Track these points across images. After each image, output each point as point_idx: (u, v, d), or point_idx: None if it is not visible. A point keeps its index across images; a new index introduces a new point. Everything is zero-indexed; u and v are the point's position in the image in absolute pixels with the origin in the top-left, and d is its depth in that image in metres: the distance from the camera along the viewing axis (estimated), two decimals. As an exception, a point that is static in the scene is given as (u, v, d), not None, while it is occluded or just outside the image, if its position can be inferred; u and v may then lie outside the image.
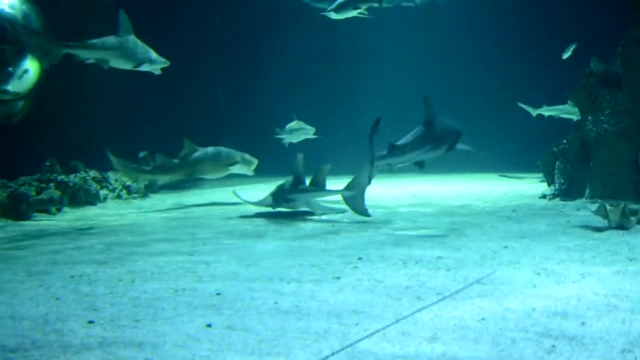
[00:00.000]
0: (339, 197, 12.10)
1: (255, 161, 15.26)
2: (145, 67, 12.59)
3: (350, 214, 11.86)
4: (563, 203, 12.91)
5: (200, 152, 14.57)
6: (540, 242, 9.06)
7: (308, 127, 16.37)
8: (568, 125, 14.76)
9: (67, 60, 15.51)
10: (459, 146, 10.78)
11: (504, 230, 10.12)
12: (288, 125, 16.16)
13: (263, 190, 14.29)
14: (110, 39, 12.36)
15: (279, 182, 12.99)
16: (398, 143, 10.15)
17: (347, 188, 11.71)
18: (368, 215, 11.58)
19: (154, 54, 12.66)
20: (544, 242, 9.05)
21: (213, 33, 19.49)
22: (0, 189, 12.45)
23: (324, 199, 12.96)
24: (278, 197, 12.46)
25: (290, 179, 12.44)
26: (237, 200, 14.10)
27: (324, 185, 12.38)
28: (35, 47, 14.53)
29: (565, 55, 16.09)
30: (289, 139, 15.90)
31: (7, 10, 14.25)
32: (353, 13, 14.23)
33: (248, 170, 15.16)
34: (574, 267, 7.44)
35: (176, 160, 14.45)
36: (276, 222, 11.66)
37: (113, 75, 17.67)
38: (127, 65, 12.52)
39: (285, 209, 12.54)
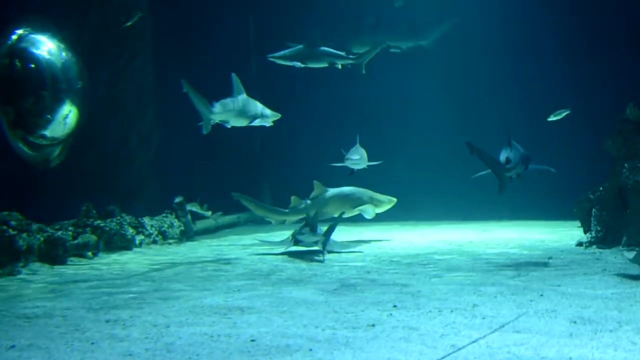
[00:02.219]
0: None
1: (389, 201, 15.65)
2: (258, 122, 13.56)
3: (377, 253, 11.91)
4: (600, 251, 12.79)
5: (329, 192, 15.17)
6: (577, 290, 8.98)
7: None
8: (603, 172, 14.70)
9: (101, 109, 15.77)
10: (532, 166, 12.50)
11: (540, 277, 10.05)
12: (353, 150, 15.35)
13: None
14: (228, 102, 13.41)
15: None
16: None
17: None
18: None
19: (266, 110, 13.69)
20: (581, 290, 8.98)
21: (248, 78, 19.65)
22: (38, 233, 12.52)
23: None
24: (299, 238, 13.24)
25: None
26: (269, 245, 14.38)
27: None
28: (74, 94, 14.71)
29: (553, 118, 16.03)
30: (358, 164, 15.09)
31: (47, 56, 14.44)
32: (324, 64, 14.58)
33: (378, 210, 15.57)
34: (611, 316, 7.37)
35: (307, 201, 14.98)
36: (310, 267, 11.65)
37: (149, 124, 18.00)
38: (244, 123, 13.60)
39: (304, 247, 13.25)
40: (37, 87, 14.06)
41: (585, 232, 13.78)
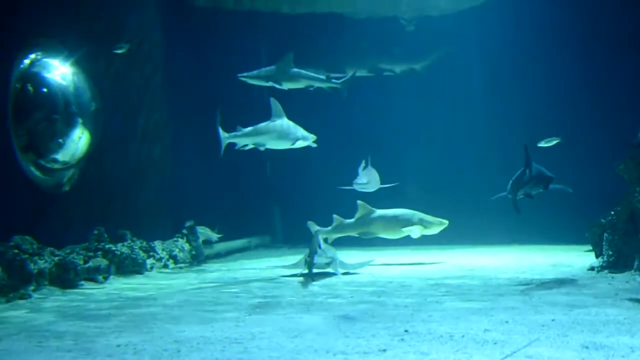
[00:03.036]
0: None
1: (439, 223, 15.84)
2: (298, 145, 14.08)
3: (388, 277, 11.95)
4: (612, 275, 12.73)
5: (376, 213, 15.52)
6: (589, 314, 8.95)
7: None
8: (615, 196, 14.68)
9: (114, 133, 15.82)
10: (553, 186, 13.01)
11: (552, 302, 10.01)
12: (363, 172, 15.52)
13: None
14: (266, 125, 13.95)
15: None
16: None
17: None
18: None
19: (304, 132, 14.14)
20: (592, 314, 8.94)
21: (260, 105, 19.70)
22: (49, 257, 12.54)
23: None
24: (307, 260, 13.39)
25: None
26: (282, 269, 14.40)
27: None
28: (86, 118, 14.79)
29: (543, 145, 16.11)
30: (366, 188, 15.26)
31: (59, 80, 14.53)
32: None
33: (428, 232, 15.81)
34: (623, 340, 7.34)
35: (351, 220, 15.42)
36: (321, 291, 11.63)
37: (160, 148, 18.05)
38: (283, 146, 14.12)
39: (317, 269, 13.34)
40: (49, 111, 14.17)
41: (597, 257, 13.73)
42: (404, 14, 20.03)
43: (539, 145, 15.73)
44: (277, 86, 14.35)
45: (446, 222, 15.87)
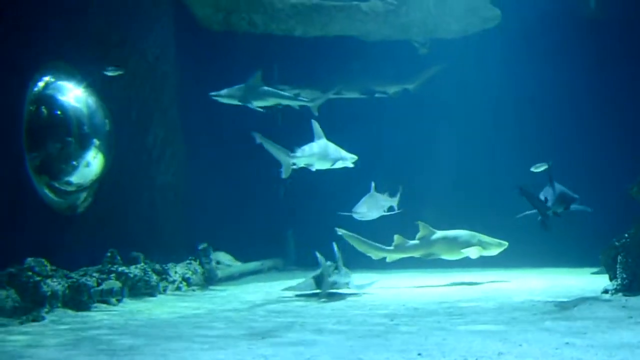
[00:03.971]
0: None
1: (499, 244, 15.98)
2: (337, 165, 14.68)
3: (402, 299, 12.12)
4: (626, 298, 12.65)
5: (436, 234, 15.68)
6: (603, 337, 8.90)
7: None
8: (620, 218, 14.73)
9: (128, 155, 15.89)
10: (574, 206, 13.60)
11: (566, 325, 9.97)
12: (364, 199, 15.48)
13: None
14: (311, 147, 14.39)
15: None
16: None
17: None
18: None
19: (344, 153, 14.77)
20: (607, 337, 8.90)
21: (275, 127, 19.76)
22: (62, 279, 12.55)
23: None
24: (318, 281, 13.85)
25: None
26: (292, 291, 14.43)
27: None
28: (100, 141, 14.84)
29: (535, 169, 16.23)
30: (365, 217, 15.16)
31: (73, 103, 14.60)
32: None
33: (487, 253, 15.98)
34: (638, 365, 7.31)
35: (414, 242, 15.59)
36: (334, 313, 11.62)
37: (175, 171, 18.09)
38: (324, 166, 14.61)
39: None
40: (63, 134, 14.23)
41: (610, 280, 13.66)
42: (417, 37, 20.07)
43: (531, 170, 15.97)
44: (248, 105, 14.87)
45: (505, 243, 15.98)
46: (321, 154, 14.47)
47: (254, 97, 14.87)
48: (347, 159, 14.75)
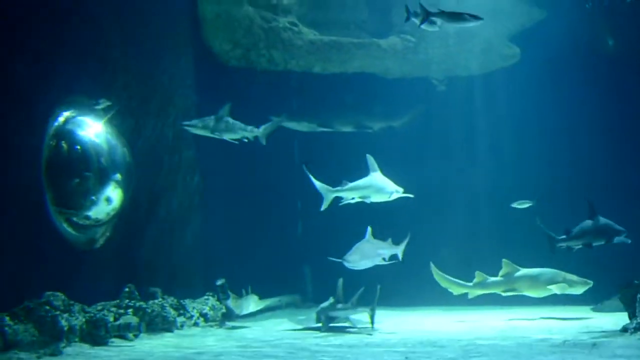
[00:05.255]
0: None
1: (584, 283, 15.90)
2: (393, 197, 14.96)
3: (418, 337, 11.95)
4: (646, 337, 12.60)
5: (520, 272, 15.85)
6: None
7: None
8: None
9: (146, 190, 15.92)
10: (617, 239, 14.35)
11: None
12: (357, 246, 14.86)
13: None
14: (364, 180, 14.94)
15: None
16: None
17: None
18: None
19: (397, 187, 15.00)
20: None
21: (292, 165, 19.80)
22: (80, 313, 12.54)
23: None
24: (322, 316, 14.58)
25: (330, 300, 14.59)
26: (310, 331, 14.56)
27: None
28: (119, 176, 14.87)
29: (516, 206, 16.52)
30: (356, 265, 14.51)
31: (93, 139, 14.64)
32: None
33: (571, 291, 15.95)
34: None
35: (496, 278, 15.83)
36: (351, 351, 11.58)
37: (192, 206, 18.13)
38: (381, 198, 15.00)
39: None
40: (82, 169, 14.25)
41: (630, 318, 13.58)
42: (435, 74, 20.12)
43: (512, 205, 16.89)
44: (217, 136, 15.13)
45: (590, 282, 15.93)
46: (378, 187, 14.93)
47: (222, 128, 15.12)
48: (400, 192, 15.01)
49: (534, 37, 19.39)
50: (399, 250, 15.23)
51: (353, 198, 14.90)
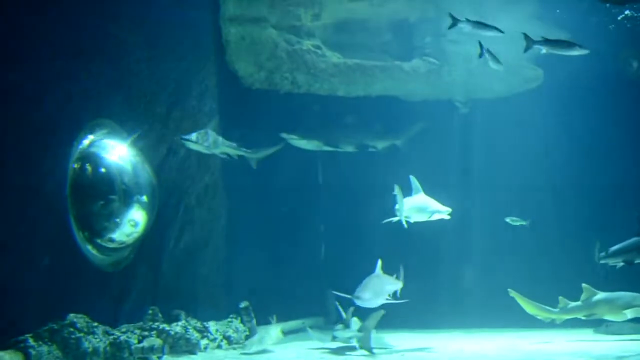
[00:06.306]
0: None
1: None
2: (434, 217, 15.14)
3: None
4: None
5: (599, 295, 15.90)
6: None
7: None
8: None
9: (170, 212, 15.99)
10: None
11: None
12: (367, 281, 14.46)
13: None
14: (407, 200, 15.07)
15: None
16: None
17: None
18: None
19: (440, 206, 15.17)
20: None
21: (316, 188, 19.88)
22: (103, 335, 12.58)
23: None
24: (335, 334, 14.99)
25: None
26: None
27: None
28: (143, 198, 14.93)
29: (509, 221, 17.32)
30: (367, 303, 14.15)
31: (117, 161, 14.71)
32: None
33: None
34: None
35: (577, 303, 15.95)
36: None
37: (215, 229, 18.18)
38: (422, 218, 15.19)
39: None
40: (106, 191, 14.32)
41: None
42: (459, 97, 20.15)
43: (506, 219, 17.36)
44: (206, 152, 15.75)
45: None
46: (419, 207, 15.12)
47: (211, 144, 15.60)
48: (442, 211, 15.13)
49: (557, 60, 19.41)
50: (398, 286, 14.84)
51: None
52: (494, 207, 19.73)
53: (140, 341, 13.31)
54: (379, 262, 14.82)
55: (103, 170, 14.45)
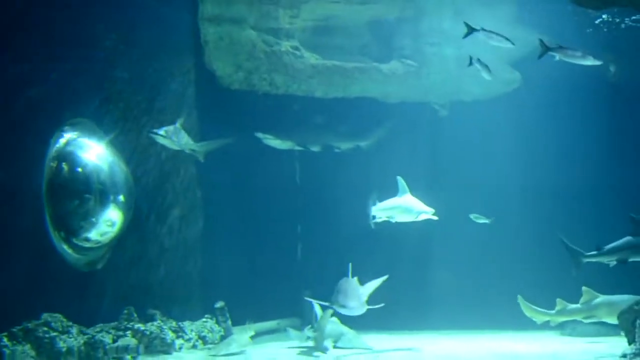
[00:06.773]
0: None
1: None
2: (420, 217, 15.39)
3: None
4: (645, 362, 12.57)
5: (600, 298, 15.87)
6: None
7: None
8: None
9: (147, 212, 15.95)
10: None
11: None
12: (346, 289, 14.48)
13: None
14: (393, 200, 15.53)
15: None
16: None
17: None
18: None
19: (425, 207, 15.43)
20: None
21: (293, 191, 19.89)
22: (78, 335, 12.54)
23: None
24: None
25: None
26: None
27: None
28: (119, 198, 14.89)
29: (472, 218, 17.31)
30: (352, 310, 14.14)
31: (93, 160, 14.66)
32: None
33: None
34: None
35: (576, 305, 15.95)
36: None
37: (192, 230, 18.16)
38: (408, 219, 15.49)
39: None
40: (83, 190, 14.26)
41: (629, 344, 13.55)
42: (437, 99, 20.17)
43: (470, 216, 17.35)
44: (174, 147, 15.84)
45: None
46: (405, 207, 15.40)
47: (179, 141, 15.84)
48: (427, 212, 15.34)
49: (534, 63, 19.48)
50: (372, 290, 14.98)
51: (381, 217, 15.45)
52: (471, 209, 19.77)
53: (115, 341, 13.30)
54: (350, 265, 14.84)
55: (79, 169, 14.38)
